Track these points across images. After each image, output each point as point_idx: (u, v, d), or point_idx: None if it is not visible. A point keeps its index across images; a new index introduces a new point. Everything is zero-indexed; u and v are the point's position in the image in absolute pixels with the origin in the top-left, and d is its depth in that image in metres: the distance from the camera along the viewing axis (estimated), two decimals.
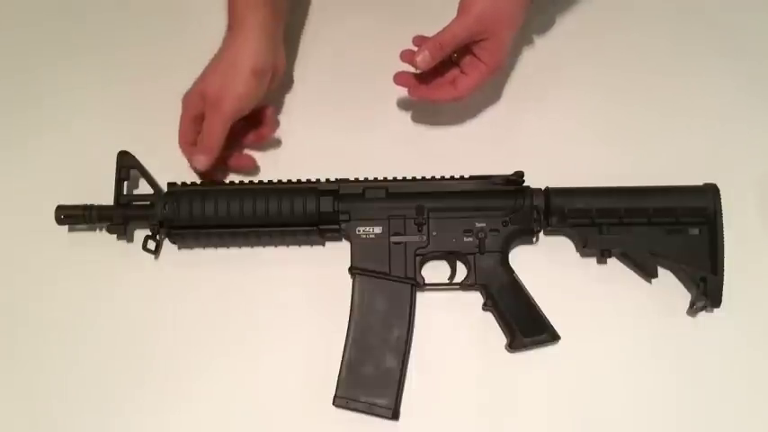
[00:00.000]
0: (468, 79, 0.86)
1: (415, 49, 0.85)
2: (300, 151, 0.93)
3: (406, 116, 0.95)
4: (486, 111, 0.95)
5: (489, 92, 0.95)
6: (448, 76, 0.89)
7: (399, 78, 0.88)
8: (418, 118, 0.95)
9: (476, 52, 0.86)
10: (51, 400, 0.85)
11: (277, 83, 0.90)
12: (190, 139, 0.88)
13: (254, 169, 0.91)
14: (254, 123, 0.89)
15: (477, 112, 0.95)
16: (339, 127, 0.94)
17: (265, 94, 0.87)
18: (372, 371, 0.82)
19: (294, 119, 0.95)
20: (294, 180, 0.87)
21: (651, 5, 1.00)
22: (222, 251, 0.89)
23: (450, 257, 0.87)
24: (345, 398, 0.82)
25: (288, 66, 0.96)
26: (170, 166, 0.89)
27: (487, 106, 0.95)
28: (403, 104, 0.95)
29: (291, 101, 0.95)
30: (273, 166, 0.91)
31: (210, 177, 0.89)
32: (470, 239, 0.85)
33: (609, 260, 0.88)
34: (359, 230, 0.85)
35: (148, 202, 0.86)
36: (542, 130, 0.94)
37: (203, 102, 0.85)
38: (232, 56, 0.84)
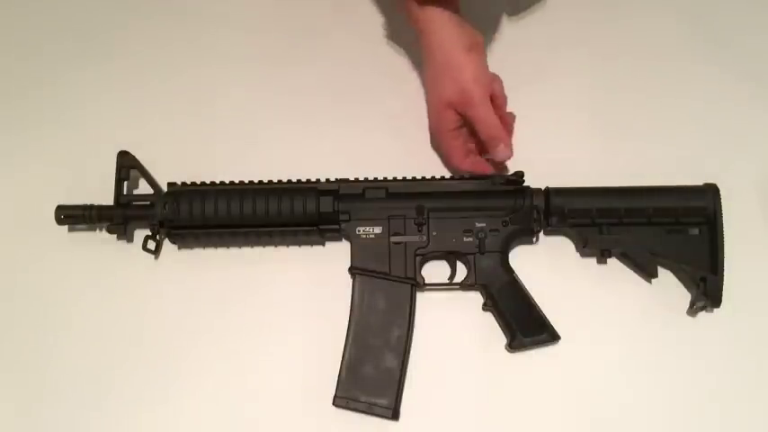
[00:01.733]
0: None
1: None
2: (300, 151, 0.93)
3: (406, 116, 0.94)
4: None
5: None
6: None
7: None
8: (419, 118, 0.94)
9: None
10: (51, 398, 0.85)
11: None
12: (463, 153, 0.87)
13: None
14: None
15: None
16: (339, 126, 0.94)
17: None
18: (372, 371, 0.82)
19: (294, 119, 0.95)
20: (294, 180, 0.87)
21: (652, 6, 1.00)
22: (222, 251, 0.89)
23: (450, 257, 0.87)
24: (345, 398, 0.82)
25: (287, 64, 0.96)
26: (170, 166, 0.89)
27: None
28: (403, 104, 0.95)
29: (291, 101, 0.95)
30: (273, 166, 0.90)
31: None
32: (470, 239, 0.85)
33: (609, 260, 0.88)
34: (359, 230, 0.85)
35: (148, 202, 0.86)
36: (542, 130, 0.94)
37: (454, 110, 0.84)
38: (443, 52, 0.82)
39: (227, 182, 0.87)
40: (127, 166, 0.86)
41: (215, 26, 0.98)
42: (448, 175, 0.87)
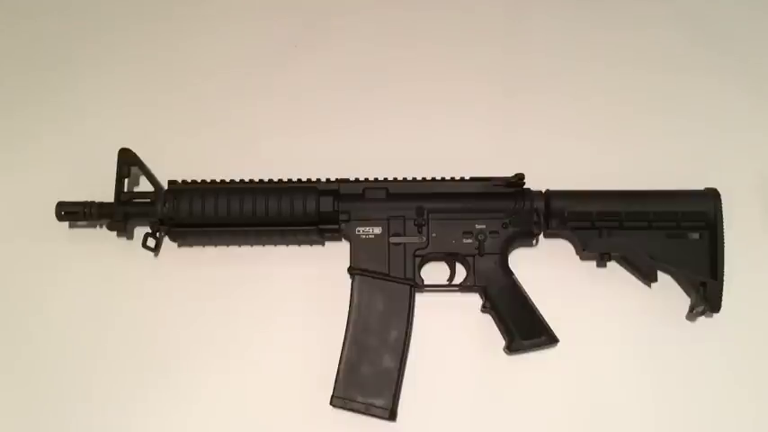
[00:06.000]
0: None
1: None
2: (300, 151, 0.93)
3: (406, 117, 0.95)
4: (487, 113, 0.95)
5: (490, 94, 0.95)
6: None
7: None
8: (420, 119, 0.94)
9: None
10: (51, 394, 0.85)
11: None
12: None
13: None
14: None
15: (479, 115, 0.95)
16: (339, 127, 0.94)
17: None
18: (370, 371, 0.82)
19: (294, 118, 0.95)
20: (294, 180, 0.87)
21: (652, 9, 1.00)
22: (222, 249, 0.89)
23: (450, 259, 0.87)
24: (343, 398, 0.82)
25: (287, 65, 0.96)
26: (171, 163, 0.89)
27: (489, 108, 0.95)
28: (404, 105, 0.95)
29: (291, 101, 0.95)
30: (273, 165, 0.90)
31: None
32: (470, 241, 0.85)
33: (608, 263, 0.88)
34: (358, 230, 0.85)
35: (149, 200, 0.86)
36: (543, 132, 0.94)
37: None
38: None
39: (228, 180, 0.87)
40: (128, 163, 0.86)
41: (216, 28, 0.98)
42: (448, 176, 0.87)
